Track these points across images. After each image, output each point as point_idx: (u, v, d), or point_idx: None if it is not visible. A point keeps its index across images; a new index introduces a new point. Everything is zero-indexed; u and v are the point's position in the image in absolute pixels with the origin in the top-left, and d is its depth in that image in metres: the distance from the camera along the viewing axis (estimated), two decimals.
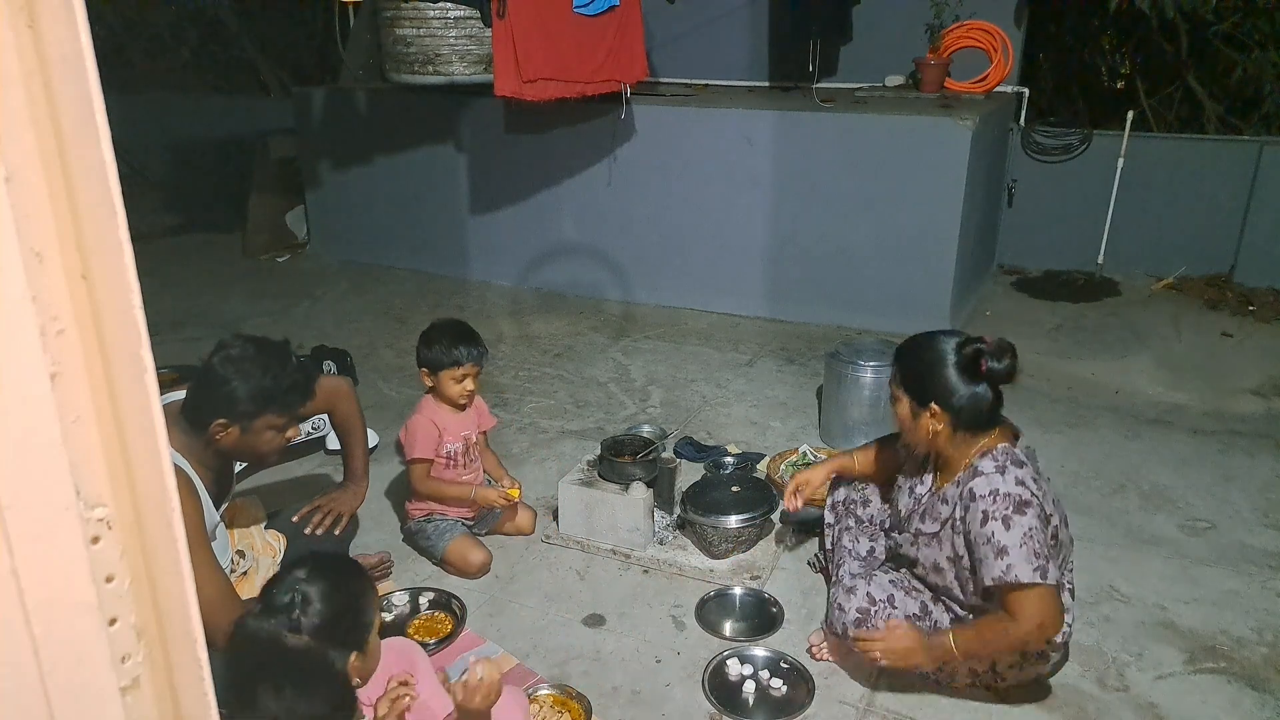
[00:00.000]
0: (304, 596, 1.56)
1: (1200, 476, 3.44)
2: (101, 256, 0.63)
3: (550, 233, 5.67)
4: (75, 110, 0.61)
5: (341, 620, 1.58)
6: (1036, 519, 2.03)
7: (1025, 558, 2.00)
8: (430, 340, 2.85)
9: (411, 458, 2.88)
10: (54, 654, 0.66)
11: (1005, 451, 2.13)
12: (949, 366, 2.13)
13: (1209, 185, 5.43)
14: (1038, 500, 2.05)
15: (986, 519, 2.05)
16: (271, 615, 1.54)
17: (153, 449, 0.68)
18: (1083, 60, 6.62)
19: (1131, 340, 4.81)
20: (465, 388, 2.86)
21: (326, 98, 6.27)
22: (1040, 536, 2.02)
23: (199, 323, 5.23)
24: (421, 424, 2.86)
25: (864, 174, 4.78)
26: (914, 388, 2.17)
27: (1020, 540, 2.01)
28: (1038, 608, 2.01)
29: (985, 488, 2.08)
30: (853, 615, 2.28)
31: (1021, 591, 2.02)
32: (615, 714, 2.31)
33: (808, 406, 4.05)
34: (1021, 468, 2.10)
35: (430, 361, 2.84)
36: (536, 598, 2.79)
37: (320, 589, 1.57)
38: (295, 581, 1.58)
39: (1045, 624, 2.03)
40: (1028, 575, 1.99)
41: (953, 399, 2.12)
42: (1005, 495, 2.05)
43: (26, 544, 0.63)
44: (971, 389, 2.12)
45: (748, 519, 2.85)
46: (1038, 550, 2.01)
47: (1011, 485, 2.06)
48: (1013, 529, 2.02)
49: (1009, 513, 2.03)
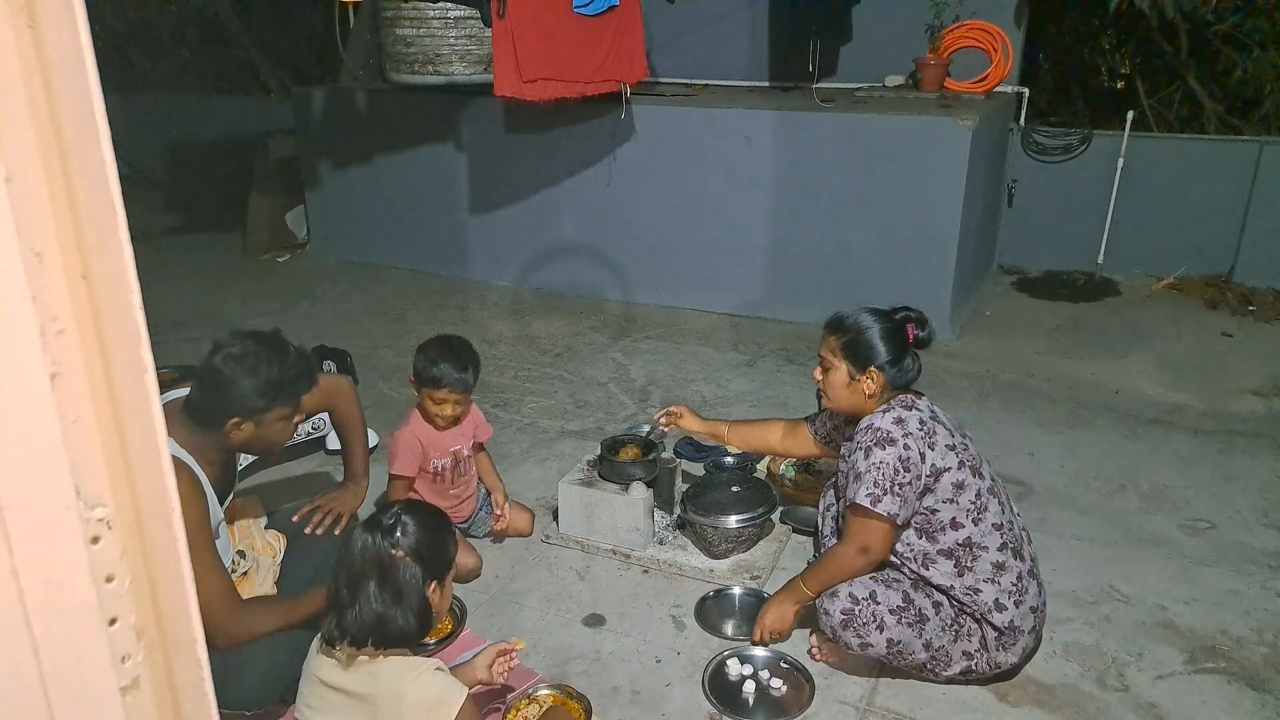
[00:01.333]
0: (404, 521, 1.84)
1: (1200, 476, 3.44)
2: (101, 256, 0.63)
3: (550, 233, 5.67)
4: (75, 110, 0.61)
5: (430, 547, 1.85)
6: (894, 458, 2.23)
7: (867, 484, 2.23)
8: (423, 351, 2.76)
9: (392, 472, 2.81)
10: (54, 654, 0.66)
11: (901, 400, 2.36)
12: (883, 334, 2.35)
13: (1209, 185, 5.43)
14: (902, 442, 2.24)
15: (855, 449, 2.31)
16: (377, 530, 1.81)
17: (153, 449, 0.68)
18: (1083, 60, 6.61)
19: (1131, 340, 4.81)
20: (443, 412, 2.75)
21: (326, 98, 6.27)
22: (889, 472, 2.22)
23: (199, 323, 5.22)
24: (405, 439, 2.79)
25: (864, 174, 4.78)
26: (851, 354, 2.36)
27: (868, 468, 2.24)
28: (863, 532, 2.27)
29: (866, 423, 2.33)
30: (838, 617, 2.31)
31: (855, 516, 2.28)
32: (615, 714, 2.31)
33: (808, 406, 4.04)
34: (909, 410, 2.31)
35: (416, 373, 2.76)
36: (536, 598, 2.79)
37: (416, 519, 1.86)
38: (398, 511, 1.87)
39: (868, 548, 2.28)
40: (862, 498, 2.23)
41: (887, 362, 2.34)
42: (875, 429, 2.28)
43: (26, 544, 0.63)
44: (901, 353, 2.36)
45: (748, 519, 2.85)
46: (879, 481, 2.22)
47: (887, 423, 2.28)
48: (870, 458, 2.25)
49: (870, 444, 2.27)
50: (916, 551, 2.32)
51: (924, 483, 2.25)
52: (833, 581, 2.36)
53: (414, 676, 1.79)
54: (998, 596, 2.28)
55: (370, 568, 1.79)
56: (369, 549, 1.81)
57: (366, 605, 1.77)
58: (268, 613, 2.20)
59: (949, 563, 2.29)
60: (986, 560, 2.28)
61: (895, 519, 2.23)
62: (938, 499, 2.26)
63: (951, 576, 2.29)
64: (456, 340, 2.81)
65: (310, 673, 1.87)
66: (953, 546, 2.28)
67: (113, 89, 1.93)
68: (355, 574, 1.80)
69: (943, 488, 2.26)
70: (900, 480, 2.22)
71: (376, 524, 1.84)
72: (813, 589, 2.40)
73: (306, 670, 1.90)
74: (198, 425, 2.14)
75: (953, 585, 2.29)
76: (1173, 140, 5.74)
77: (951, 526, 2.27)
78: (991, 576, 2.28)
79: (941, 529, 2.27)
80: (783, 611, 2.47)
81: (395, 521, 1.83)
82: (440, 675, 1.83)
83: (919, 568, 2.32)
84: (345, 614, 1.77)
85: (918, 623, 2.28)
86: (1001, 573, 2.28)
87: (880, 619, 2.27)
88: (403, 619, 1.78)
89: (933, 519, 2.27)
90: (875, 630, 2.27)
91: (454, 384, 2.73)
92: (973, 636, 2.30)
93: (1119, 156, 5.47)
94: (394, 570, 1.79)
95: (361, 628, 1.77)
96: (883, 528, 2.25)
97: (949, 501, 2.26)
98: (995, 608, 2.28)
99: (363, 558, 1.80)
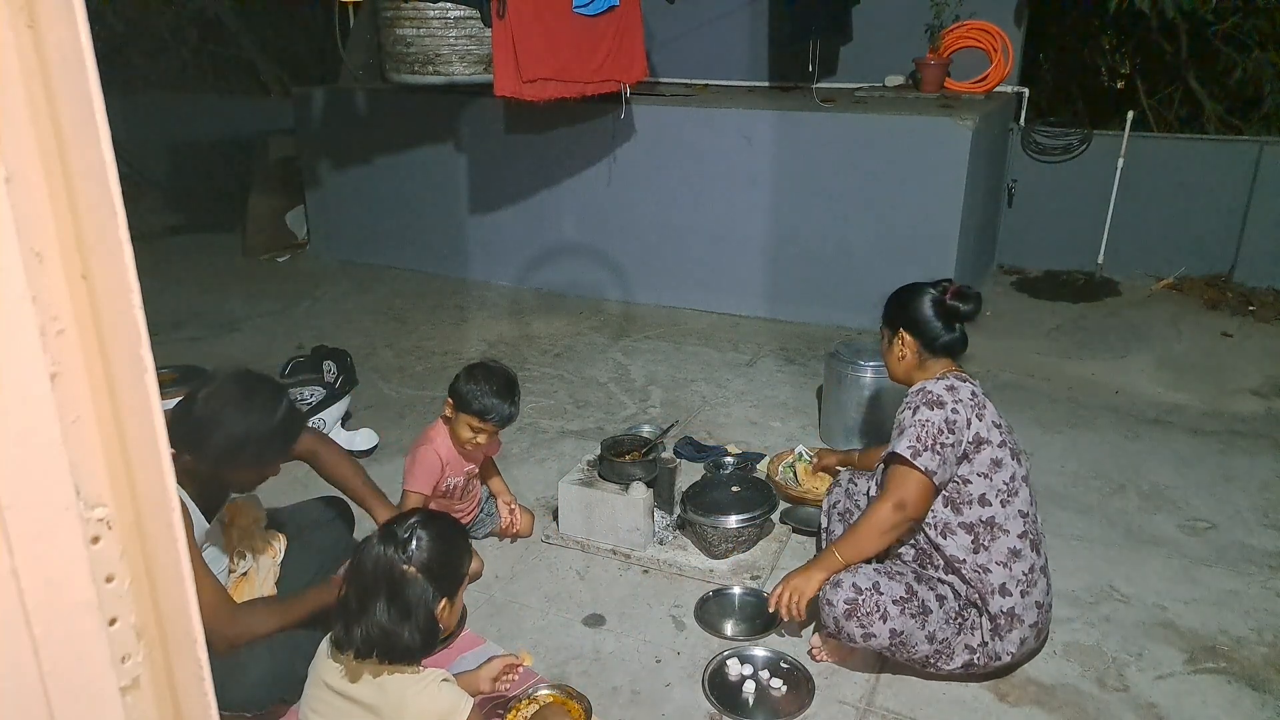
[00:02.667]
0: (418, 535, 1.81)
1: (1200, 476, 3.44)
2: (101, 256, 0.63)
3: (550, 233, 5.67)
4: (75, 110, 0.61)
5: (443, 563, 1.83)
6: (940, 419, 2.25)
7: (909, 439, 2.25)
8: (471, 378, 2.69)
9: (407, 488, 2.77)
10: (54, 654, 0.66)
11: (956, 373, 2.38)
12: (921, 300, 2.40)
13: (1209, 185, 5.43)
14: (951, 405, 2.27)
15: (904, 409, 2.34)
16: (392, 543, 1.79)
17: (153, 449, 0.68)
18: (1083, 60, 6.62)
19: (1131, 340, 4.81)
20: (477, 440, 2.72)
21: (326, 98, 6.27)
22: (933, 431, 2.24)
23: (199, 323, 5.23)
24: (427, 457, 2.75)
25: (864, 174, 4.78)
26: (889, 318, 2.45)
27: (913, 424, 2.26)
28: (901, 486, 2.26)
29: (918, 386, 2.37)
30: (841, 607, 2.30)
31: (894, 467, 2.28)
32: (615, 714, 2.31)
33: (808, 406, 4.05)
34: (964, 382, 2.34)
35: (459, 397, 2.69)
36: (536, 598, 2.79)
37: (432, 533, 1.83)
38: (414, 523, 1.84)
39: (904, 503, 2.26)
40: (903, 448, 2.24)
41: (919, 326, 2.38)
42: (926, 391, 2.32)
43: (26, 544, 0.63)
44: (938, 320, 2.37)
45: (748, 519, 2.85)
46: (921, 437, 2.24)
47: (939, 388, 2.31)
48: (916, 414, 2.28)
49: (920, 403, 2.29)
50: (938, 518, 2.32)
51: (964, 448, 2.27)
52: (868, 543, 2.33)
53: (420, 689, 1.79)
54: (1005, 581, 2.28)
55: (380, 582, 1.77)
56: (380, 562, 1.78)
57: (373, 620, 1.75)
58: (265, 614, 2.20)
59: (967, 537, 2.29)
60: (1004, 544, 2.28)
61: (933, 475, 2.23)
62: (973, 469, 2.28)
63: (966, 551, 2.29)
64: (503, 371, 2.76)
65: (317, 676, 1.87)
66: (974, 522, 2.28)
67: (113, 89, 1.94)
68: (365, 586, 1.78)
69: (980, 459, 2.27)
70: (943, 440, 2.23)
71: (392, 536, 1.81)
72: (846, 556, 2.36)
73: (313, 673, 1.90)
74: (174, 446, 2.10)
75: (964, 560, 2.29)
76: (1173, 140, 5.74)
77: (979, 502, 2.28)
78: (1005, 561, 2.28)
79: (969, 502, 2.28)
80: (810, 578, 2.37)
81: (410, 535, 1.81)
82: (447, 686, 1.83)
83: (936, 535, 2.32)
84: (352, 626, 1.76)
85: (921, 614, 2.28)
86: (1016, 559, 2.28)
87: (884, 609, 2.27)
88: (409, 636, 1.76)
89: (963, 489, 2.28)
90: (879, 620, 2.26)
91: (499, 420, 2.69)
92: (975, 630, 2.30)
93: (1119, 156, 5.47)
94: (403, 586, 1.77)
95: (367, 641, 1.75)
96: (920, 481, 2.24)
97: (983, 476, 2.27)
98: (1000, 591, 2.27)
99: (374, 570, 1.78)
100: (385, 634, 1.75)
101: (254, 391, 2.09)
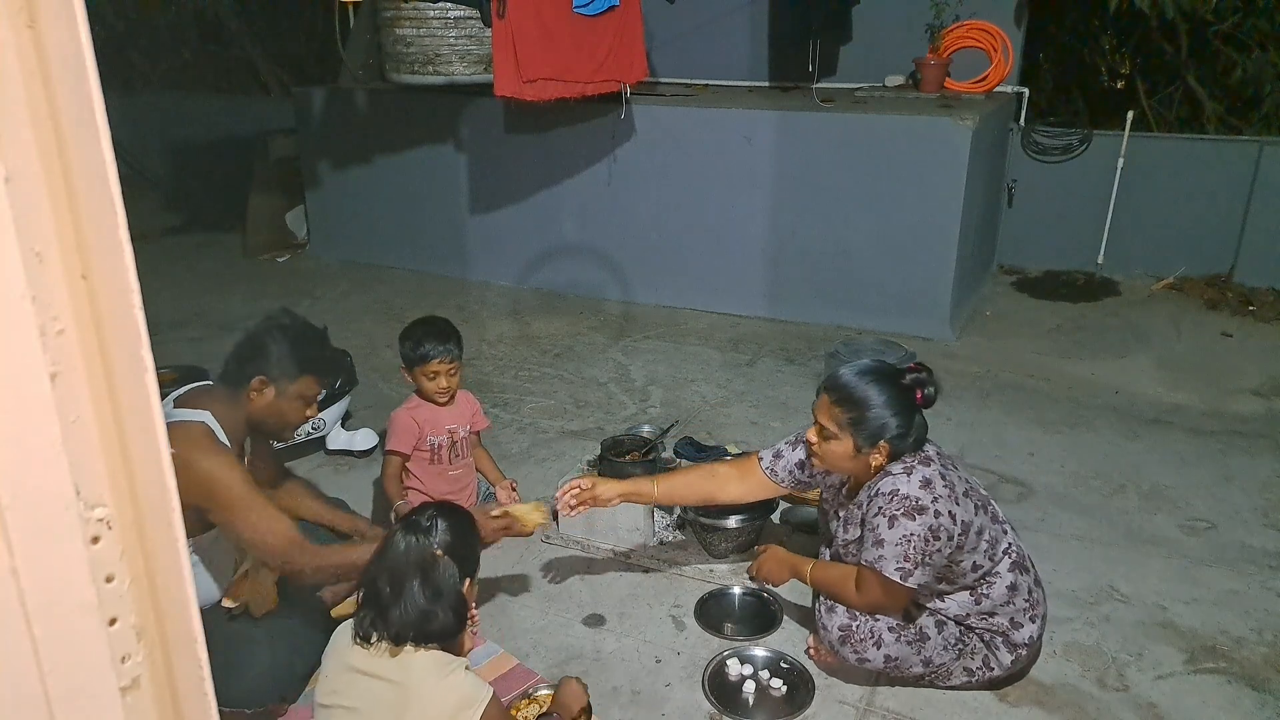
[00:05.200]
0: (439, 521, 1.93)
1: (1200, 476, 3.44)
2: (101, 256, 0.63)
3: (550, 233, 5.67)
4: (75, 110, 0.60)
5: (463, 545, 1.94)
6: (924, 528, 2.13)
7: (896, 557, 2.15)
8: (404, 337, 2.85)
9: (387, 448, 2.88)
10: (54, 654, 0.66)
11: (920, 458, 2.22)
12: (893, 406, 2.19)
13: (1209, 185, 5.43)
14: (933, 509, 2.14)
15: (879, 512, 2.19)
16: (417, 530, 1.90)
17: (153, 449, 0.68)
18: (1083, 60, 6.62)
19: (1131, 340, 4.81)
20: (439, 384, 2.83)
21: (326, 98, 6.27)
22: (919, 544, 2.13)
23: (199, 323, 5.23)
24: (401, 419, 2.86)
25: (864, 174, 4.78)
26: (861, 430, 2.20)
27: (897, 540, 2.15)
28: (882, 594, 2.21)
29: (889, 487, 2.20)
30: (836, 633, 2.31)
31: (878, 580, 2.19)
32: (615, 714, 2.31)
33: (808, 406, 4.03)
34: (928, 466, 2.20)
35: (405, 358, 2.85)
36: (536, 598, 2.79)
37: (449, 519, 1.95)
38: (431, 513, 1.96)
39: (880, 606, 2.25)
40: (890, 572, 2.16)
41: (899, 435, 2.20)
42: (903, 497, 2.16)
43: (26, 544, 0.63)
44: (910, 422, 2.22)
45: (748, 519, 2.85)
46: (909, 555, 2.14)
47: (914, 488, 2.16)
48: (895, 528, 2.15)
49: (898, 513, 2.15)
50: (933, 590, 2.29)
51: (955, 541, 2.17)
52: (832, 598, 2.33)
53: (445, 673, 1.85)
54: (1013, 616, 2.28)
55: (413, 567, 1.86)
56: (412, 549, 1.88)
57: (411, 603, 1.83)
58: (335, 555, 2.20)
59: (965, 595, 2.28)
60: (1000, 586, 2.26)
61: (922, 588, 2.20)
62: (963, 551, 2.21)
63: (968, 606, 2.28)
64: (428, 319, 2.90)
65: (338, 660, 1.90)
66: (970, 582, 2.26)
67: (113, 89, 1.91)
68: (399, 573, 1.86)
69: (969, 540, 2.20)
70: (931, 550, 2.14)
71: (415, 525, 1.92)
72: (813, 585, 2.39)
73: (331, 658, 1.93)
74: (226, 389, 2.22)
75: (969, 614, 2.28)
76: (1173, 140, 5.74)
77: (972, 569, 2.24)
78: (1007, 599, 2.27)
79: (962, 573, 2.25)
80: (780, 570, 2.46)
81: (432, 523, 1.92)
82: (469, 675, 1.88)
83: (935, 601, 2.30)
84: (389, 612, 1.84)
85: (917, 641, 2.28)
86: (1015, 593, 2.27)
87: (878, 636, 2.27)
88: (443, 614, 1.85)
89: (955, 568, 2.24)
90: (873, 647, 2.27)
91: (440, 354, 2.80)
92: (976, 654, 2.30)
93: (1119, 156, 5.47)
94: (434, 569, 1.87)
95: (405, 625, 1.83)
96: (906, 595, 2.21)
97: (971, 550, 2.22)
98: (1012, 626, 2.28)
99: (406, 557, 1.88)
100: (423, 615, 1.84)
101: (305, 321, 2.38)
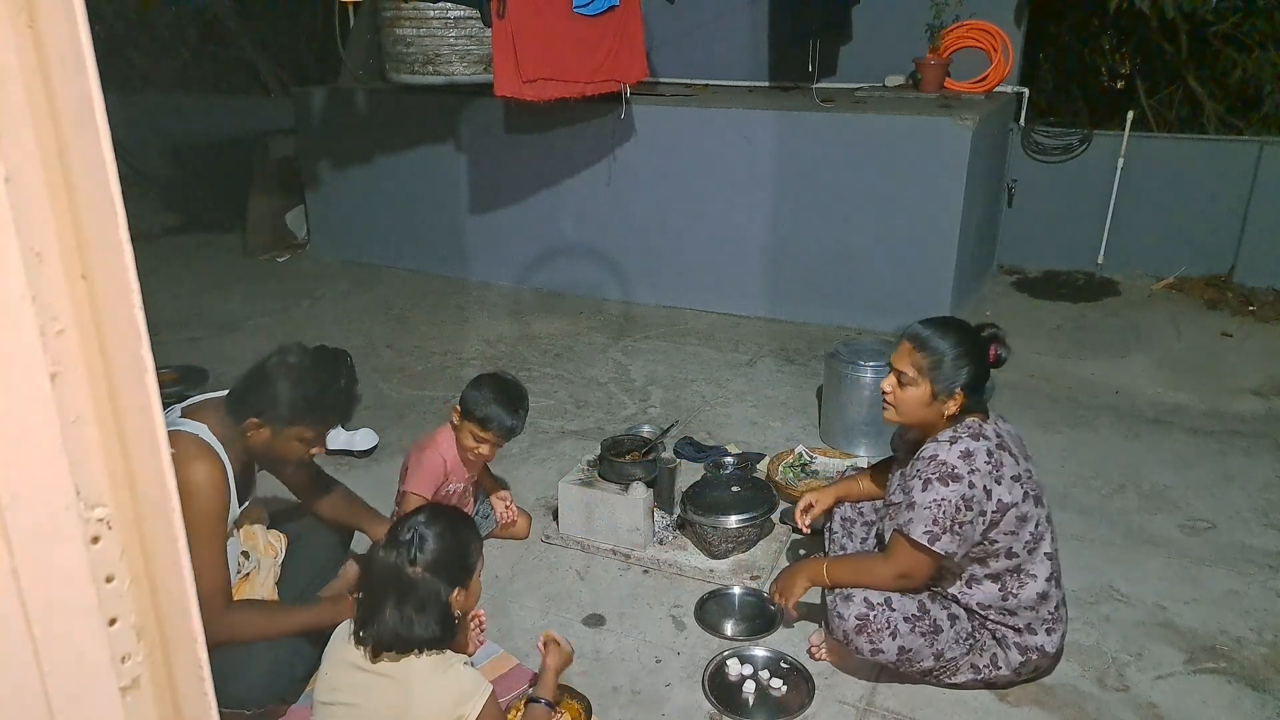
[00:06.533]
0: (421, 536, 1.85)
1: (1200, 476, 3.44)
2: (101, 256, 0.63)
3: (550, 233, 5.67)
4: (75, 110, 0.60)
5: (449, 559, 1.87)
6: (957, 495, 2.13)
7: (925, 520, 2.15)
8: (478, 385, 2.73)
9: (408, 489, 2.77)
10: (54, 654, 0.66)
11: (969, 425, 2.23)
12: (971, 356, 2.22)
13: (1209, 185, 5.42)
14: (968, 479, 2.14)
15: (917, 475, 2.20)
16: (395, 548, 1.85)
17: (153, 449, 0.68)
18: (1083, 60, 6.61)
19: (1131, 340, 4.81)
20: (480, 451, 2.72)
21: (326, 98, 6.27)
22: (949, 510, 2.13)
23: (199, 323, 5.23)
24: (432, 459, 2.76)
25: (864, 174, 4.78)
26: (939, 377, 2.20)
27: (928, 503, 2.15)
28: (910, 561, 2.20)
29: (930, 452, 2.21)
30: (852, 622, 2.29)
31: (905, 545, 2.19)
32: (615, 714, 2.31)
33: (808, 406, 4.05)
34: (977, 441, 2.19)
35: (464, 402, 2.72)
36: (536, 598, 2.79)
37: (435, 531, 1.87)
38: (416, 524, 1.88)
39: (908, 575, 2.23)
40: (918, 534, 2.16)
41: (973, 384, 2.22)
42: (940, 462, 2.17)
43: (26, 544, 0.63)
44: (985, 376, 2.24)
45: (748, 519, 2.85)
46: (939, 519, 2.14)
47: (953, 457, 2.17)
48: (928, 491, 2.15)
49: (932, 477, 2.16)
50: (962, 571, 2.27)
51: (988, 518, 2.16)
52: (858, 586, 2.31)
53: (444, 669, 1.85)
54: (1031, 622, 2.27)
55: (387, 587, 1.83)
56: (386, 568, 1.84)
57: (384, 623, 1.81)
58: (256, 620, 2.19)
59: (994, 586, 2.26)
60: (1032, 589, 2.25)
61: (952, 557, 2.18)
62: (1000, 531, 2.19)
63: (994, 599, 2.26)
64: (513, 384, 2.77)
65: (337, 658, 1.90)
66: (1001, 571, 2.24)
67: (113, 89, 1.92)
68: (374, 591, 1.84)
69: (1006, 521, 2.18)
70: (961, 519, 2.12)
71: (394, 542, 1.87)
72: (833, 580, 2.36)
73: (331, 656, 1.93)
74: (229, 416, 2.17)
75: (990, 606, 2.27)
76: (1173, 140, 5.74)
77: (1006, 555, 2.22)
78: (1034, 605, 2.26)
79: (995, 555, 2.22)
80: (795, 581, 2.43)
81: (413, 537, 1.86)
82: (468, 670, 1.88)
83: (962, 586, 2.28)
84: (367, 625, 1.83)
85: (931, 632, 2.27)
86: (1044, 602, 2.27)
87: (894, 626, 2.25)
88: (424, 630, 1.83)
89: (990, 548, 2.22)
90: (889, 637, 2.25)
91: (501, 431, 2.70)
92: (985, 651, 2.30)
93: (1119, 156, 5.47)
94: (412, 588, 1.83)
95: (379, 642, 1.82)
96: (932, 562, 2.20)
97: (1010, 534, 2.20)
98: (1029, 630, 2.27)
99: (381, 577, 1.84)
100: (396, 636, 1.82)
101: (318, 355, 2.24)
